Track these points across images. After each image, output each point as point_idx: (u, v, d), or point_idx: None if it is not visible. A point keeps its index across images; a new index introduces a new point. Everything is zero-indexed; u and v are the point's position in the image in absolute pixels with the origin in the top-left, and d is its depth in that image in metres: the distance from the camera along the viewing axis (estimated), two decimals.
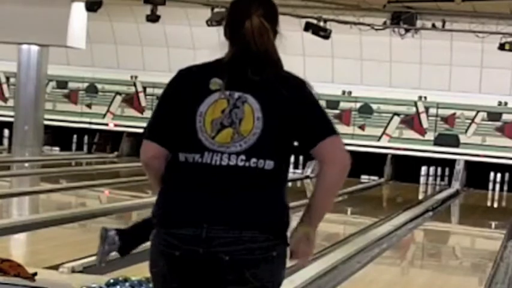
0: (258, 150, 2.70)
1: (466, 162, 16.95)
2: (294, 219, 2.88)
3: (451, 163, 16.95)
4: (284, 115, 2.72)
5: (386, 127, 17.32)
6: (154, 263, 2.76)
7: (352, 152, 3.00)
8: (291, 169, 16.71)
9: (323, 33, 16.11)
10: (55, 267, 5.81)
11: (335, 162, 2.79)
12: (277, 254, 2.71)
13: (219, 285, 2.69)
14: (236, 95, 2.72)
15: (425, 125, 17.21)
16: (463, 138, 17.01)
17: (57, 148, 18.62)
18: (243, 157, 2.69)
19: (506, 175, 16.98)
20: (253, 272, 2.67)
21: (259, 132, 2.70)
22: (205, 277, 2.69)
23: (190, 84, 2.77)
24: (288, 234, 2.78)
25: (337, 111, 17.50)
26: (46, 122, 17.49)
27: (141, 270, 4.88)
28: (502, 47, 15.60)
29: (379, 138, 17.34)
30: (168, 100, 2.81)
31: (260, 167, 2.69)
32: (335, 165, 2.79)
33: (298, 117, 2.74)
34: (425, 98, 17.14)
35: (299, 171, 17.37)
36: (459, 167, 16.92)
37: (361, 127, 17.43)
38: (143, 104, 18.44)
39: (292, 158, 18.96)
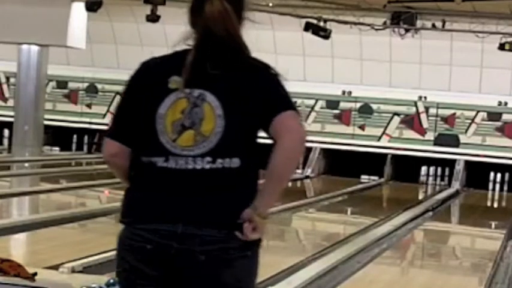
0: (223, 150, 2.61)
1: (466, 162, 16.95)
2: (294, 219, 2.87)
3: (451, 163, 16.95)
4: (246, 108, 2.62)
5: (386, 127, 17.32)
6: (121, 261, 2.68)
7: (352, 152, 2.97)
8: None
9: (323, 33, 16.12)
10: (55, 267, 5.81)
11: (292, 131, 2.60)
12: (251, 254, 2.66)
13: (191, 285, 2.62)
14: (196, 92, 2.63)
15: (425, 125, 17.21)
16: (463, 138, 17.01)
17: (57, 148, 18.62)
18: (208, 159, 2.61)
19: (506, 175, 16.98)
20: (229, 272, 2.61)
21: (221, 130, 2.61)
22: (176, 275, 2.61)
23: (149, 82, 2.68)
24: None
25: (337, 111, 17.50)
26: (46, 122, 17.49)
27: None
28: (502, 47, 15.61)
29: (379, 138, 17.34)
30: (129, 97, 2.72)
31: (227, 166, 2.60)
32: (293, 133, 2.60)
33: (259, 100, 2.62)
34: (425, 98, 17.14)
35: (299, 171, 17.36)
36: (459, 167, 16.92)
37: (361, 127, 17.43)
38: None
39: None
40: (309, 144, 14.68)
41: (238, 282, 2.63)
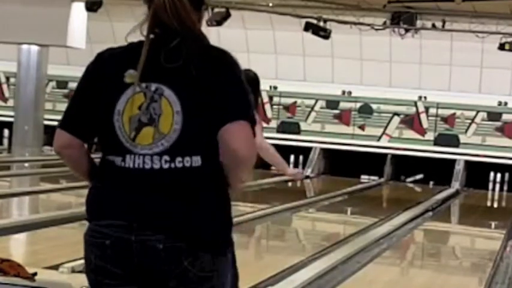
0: (182, 147, 2.48)
1: (466, 162, 16.95)
2: (294, 219, 2.85)
3: (451, 163, 16.95)
4: (205, 104, 2.48)
5: (386, 127, 17.32)
6: (87, 261, 2.61)
7: (352, 152, 2.94)
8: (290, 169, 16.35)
9: (323, 33, 16.12)
10: (55, 267, 5.81)
11: (237, 157, 2.49)
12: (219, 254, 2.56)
13: (155, 280, 2.52)
14: (153, 87, 2.50)
15: (425, 125, 17.20)
16: (463, 138, 17.01)
17: None
18: (166, 158, 2.48)
19: (506, 175, 16.98)
20: (191, 261, 2.49)
21: (179, 127, 2.48)
22: (139, 270, 2.51)
23: (105, 75, 2.56)
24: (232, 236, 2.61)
25: (337, 111, 17.50)
26: (46, 122, 17.48)
27: None
28: (502, 47, 15.61)
29: (379, 138, 17.34)
30: (83, 89, 2.61)
31: (187, 165, 2.48)
32: (237, 161, 2.50)
33: (215, 97, 2.48)
34: (425, 98, 17.14)
35: (299, 171, 17.35)
36: (459, 167, 16.92)
37: (361, 127, 17.43)
38: None
39: (292, 158, 18.95)
40: (309, 144, 14.72)
41: (204, 272, 2.51)
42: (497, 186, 17.02)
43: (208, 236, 2.52)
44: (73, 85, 18.87)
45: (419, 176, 17.31)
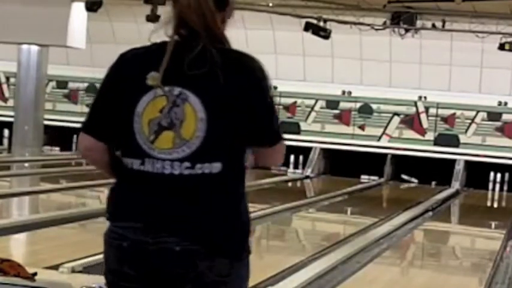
0: (203, 155, 2.45)
1: (466, 162, 16.95)
2: (294, 219, 2.85)
3: (451, 163, 16.95)
4: (230, 113, 2.46)
5: (386, 127, 17.32)
6: (106, 261, 2.58)
7: (352, 152, 2.94)
8: (291, 169, 16.56)
9: (323, 33, 16.12)
10: (55, 267, 5.82)
11: (271, 164, 2.69)
12: (238, 259, 2.55)
13: (170, 284, 2.49)
14: (176, 91, 2.46)
15: (425, 125, 17.20)
16: (463, 138, 17.01)
17: (57, 148, 18.62)
18: (187, 164, 2.46)
19: (506, 175, 16.98)
20: (208, 265, 2.47)
21: (202, 135, 2.45)
22: (154, 274, 2.49)
23: (127, 77, 2.53)
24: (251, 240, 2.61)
25: (337, 111, 17.51)
26: (46, 122, 17.49)
27: None
28: (502, 47, 15.61)
29: (379, 138, 17.34)
30: (105, 91, 2.58)
31: (207, 172, 2.46)
32: (270, 164, 2.70)
33: (245, 112, 2.47)
34: (425, 98, 17.14)
35: (299, 171, 17.37)
36: (459, 167, 16.92)
37: (361, 127, 17.43)
38: None
39: (292, 158, 18.94)
40: (309, 144, 14.69)
41: (221, 276, 2.49)
42: (497, 186, 17.02)
43: (224, 240, 2.51)
44: (73, 85, 18.90)
45: (414, 180, 17.29)
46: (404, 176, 17.33)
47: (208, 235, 2.48)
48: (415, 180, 17.27)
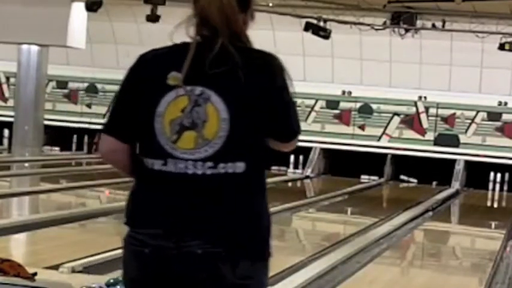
0: (226, 154, 2.44)
1: (466, 162, 16.95)
2: (294, 219, 2.84)
3: (451, 163, 16.95)
4: (253, 113, 2.46)
5: (386, 127, 17.32)
6: (126, 269, 2.55)
7: (352, 152, 2.94)
8: (291, 169, 16.56)
9: (323, 33, 16.13)
10: (55, 267, 5.82)
11: (282, 150, 2.66)
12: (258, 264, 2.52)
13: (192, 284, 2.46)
14: (197, 90, 2.44)
15: (425, 125, 17.21)
16: (463, 138, 17.01)
17: (57, 148, 18.63)
18: (210, 164, 2.43)
19: (506, 175, 16.99)
20: (230, 267, 2.44)
21: (225, 135, 2.43)
22: (175, 278, 2.46)
23: (148, 77, 2.51)
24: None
25: (337, 111, 17.51)
26: (46, 122, 17.49)
27: None
28: (502, 47, 15.61)
29: (379, 138, 17.34)
30: (126, 92, 2.57)
31: (230, 172, 2.44)
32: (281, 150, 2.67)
33: (266, 110, 2.47)
34: (425, 98, 17.15)
35: (299, 171, 17.37)
36: (459, 167, 16.92)
37: (361, 127, 17.43)
38: None
39: (292, 158, 18.93)
40: (309, 144, 14.67)
41: (243, 280, 2.46)
42: (497, 186, 17.03)
43: (249, 241, 2.48)
44: (73, 85, 18.90)
45: (413, 180, 17.30)
46: (403, 177, 17.33)
47: (232, 235, 2.46)
48: (414, 181, 17.27)
